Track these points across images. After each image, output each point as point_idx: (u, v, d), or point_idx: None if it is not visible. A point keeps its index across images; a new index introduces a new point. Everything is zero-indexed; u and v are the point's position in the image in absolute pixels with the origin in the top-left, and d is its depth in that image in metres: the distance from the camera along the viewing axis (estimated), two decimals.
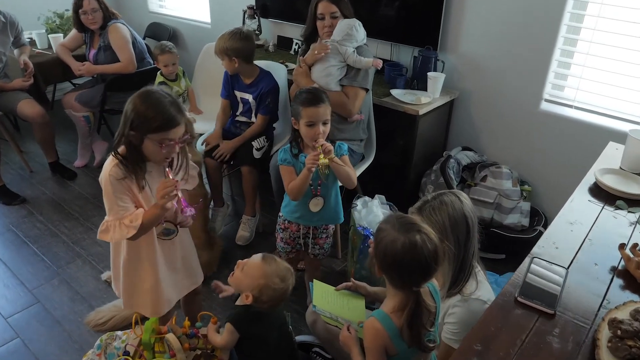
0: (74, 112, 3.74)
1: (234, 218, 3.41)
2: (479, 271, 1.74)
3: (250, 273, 1.74)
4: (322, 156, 1.99)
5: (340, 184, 2.26)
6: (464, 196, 1.65)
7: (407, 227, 1.39)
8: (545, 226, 2.95)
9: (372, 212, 2.58)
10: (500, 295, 1.35)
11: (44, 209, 3.45)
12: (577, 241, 1.59)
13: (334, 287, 1.96)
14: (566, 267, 1.47)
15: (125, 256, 1.92)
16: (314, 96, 2.07)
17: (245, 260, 1.80)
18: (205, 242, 2.79)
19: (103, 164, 1.78)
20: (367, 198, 2.70)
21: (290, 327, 2.22)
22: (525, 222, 2.96)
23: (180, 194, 1.71)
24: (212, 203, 3.20)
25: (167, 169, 1.76)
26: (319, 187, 2.18)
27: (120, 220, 1.73)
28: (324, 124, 2.07)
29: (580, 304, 1.33)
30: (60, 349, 2.39)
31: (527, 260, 1.48)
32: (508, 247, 2.97)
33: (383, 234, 1.42)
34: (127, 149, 1.71)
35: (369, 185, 3.13)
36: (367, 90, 2.78)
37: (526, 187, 3.05)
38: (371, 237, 2.10)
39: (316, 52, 2.70)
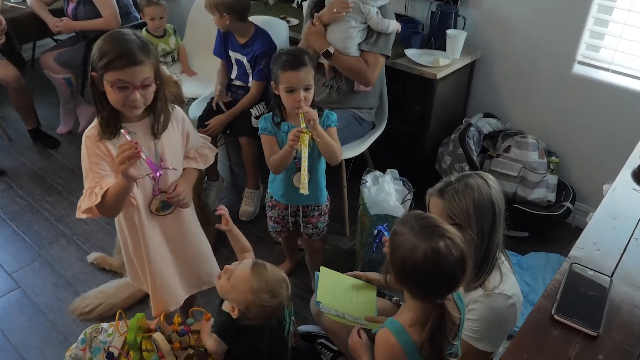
0: (53, 73, 3.58)
1: (233, 190, 3.31)
2: (503, 262, 1.65)
3: (237, 286, 1.63)
4: (304, 129, 1.91)
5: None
6: (491, 179, 1.55)
7: (429, 231, 1.26)
8: (574, 202, 2.87)
9: (384, 189, 2.45)
10: (534, 312, 1.22)
11: (24, 181, 3.34)
12: (622, 241, 1.45)
13: (343, 274, 1.83)
14: (609, 274, 1.33)
15: (130, 242, 1.84)
16: (295, 58, 1.96)
17: (234, 266, 1.68)
18: (200, 220, 2.67)
19: None
20: (377, 173, 2.58)
21: (292, 318, 2.15)
22: (552, 197, 2.88)
23: (144, 156, 1.56)
24: (205, 177, 3.08)
25: (122, 130, 1.61)
26: None
27: (92, 188, 1.60)
28: (306, 89, 1.96)
29: (627, 322, 1.21)
30: (43, 340, 2.33)
31: (564, 266, 1.35)
32: (532, 224, 2.90)
33: (400, 239, 1.29)
34: (95, 98, 1.59)
35: (380, 157, 3.02)
36: (387, 57, 2.63)
37: (554, 158, 2.96)
38: (385, 233, 1.97)
39: (335, 10, 2.50)
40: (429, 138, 3.02)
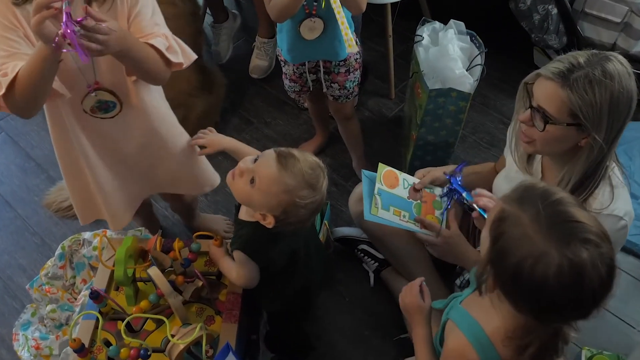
0: None
1: (243, 34, 3.02)
2: (614, 170, 1.45)
3: (266, 188, 1.36)
4: None
5: None
6: (629, 66, 1.32)
7: (566, 231, 0.96)
8: None
9: (447, 52, 2.05)
10: None
11: None
12: None
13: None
14: None
15: (57, 147, 1.64)
16: None
17: (250, 163, 1.38)
18: (201, 85, 2.36)
19: None
20: (437, 25, 2.19)
21: (325, 222, 1.97)
22: None
23: (64, 6, 1.17)
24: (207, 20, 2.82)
25: None
26: (314, 4, 1.79)
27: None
28: None
29: None
30: (15, 243, 2.18)
31: None
32: None
33: (515, 232, 0.98)
34: None
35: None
36: None
37: None
38: (464, 194, 1.50)
39: None
40: None
